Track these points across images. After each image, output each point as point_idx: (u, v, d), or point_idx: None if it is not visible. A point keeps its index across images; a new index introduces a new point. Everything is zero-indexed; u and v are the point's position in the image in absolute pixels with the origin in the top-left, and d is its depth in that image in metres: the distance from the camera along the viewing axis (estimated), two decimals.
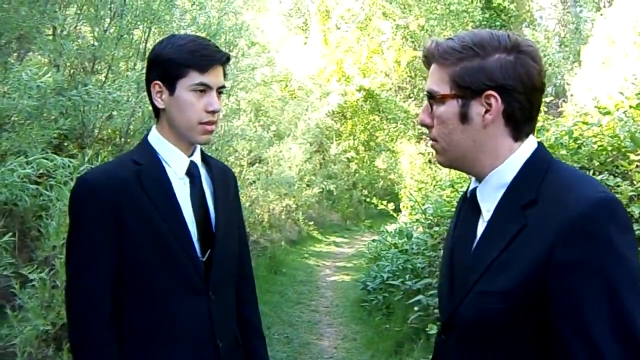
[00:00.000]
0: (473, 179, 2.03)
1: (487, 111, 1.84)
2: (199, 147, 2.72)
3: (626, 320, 1.62)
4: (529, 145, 1.90)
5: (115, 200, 2.44)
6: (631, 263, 1.66)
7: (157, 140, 2.62)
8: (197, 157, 2.69)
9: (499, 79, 1.82)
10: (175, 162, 2.60)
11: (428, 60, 1.96)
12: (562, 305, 1.68)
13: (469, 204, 2.05)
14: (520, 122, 1.87)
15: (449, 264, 2.08)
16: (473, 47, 1.85)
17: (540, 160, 1.87)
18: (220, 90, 2.59)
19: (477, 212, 1.98)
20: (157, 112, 2.62)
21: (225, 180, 2.83)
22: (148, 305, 2.51)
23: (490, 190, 1.92)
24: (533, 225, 1.76)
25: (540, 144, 1.93)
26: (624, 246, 1.66)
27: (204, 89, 2.51)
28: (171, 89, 2.51)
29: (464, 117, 1.87)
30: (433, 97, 1.92)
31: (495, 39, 1.86)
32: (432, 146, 2.00)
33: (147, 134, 2.67)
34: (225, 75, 2.63)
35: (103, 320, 2.45)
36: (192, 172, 2.64)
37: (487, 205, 1.93)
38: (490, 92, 1.83)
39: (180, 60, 2.48)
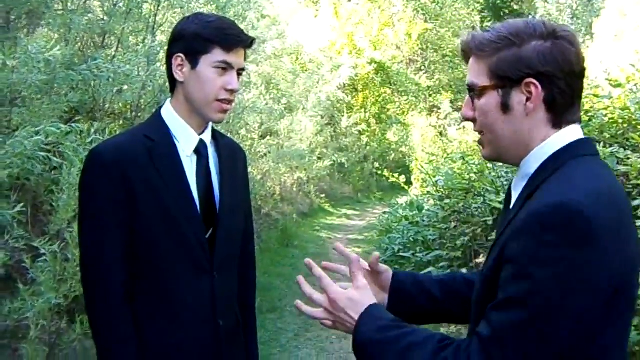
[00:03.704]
0: None
1: (528, 99, 1.83)
2: (210, 125, 2.73)
3: (536, 330, 1.62)
4: (562, 137, 1.85)
5: (127, 175, 2.46)
6: (568, 278, 1.60)
7: (170, 115, 2.64)
8: (207, 136, 2.70)
9: (537, 66, 1.80)
10: (185, 140, 2.62)
11: (466, 54, 1.96)
12: (497, 295, 1.72)
13: (508, 192, 2.07)
14: (561, 108, 1.84)
15: None
16: (509, 36, 1.85)
17: (564, 156, 1.83)
18: (239, 72, 2.61)
19: (510, 200, 2.00)
20: (173, 86, 2.64)
21: (234, 160, 2.85)
22: (154, 281, 2.56)
23: (519, 179, 1.93)
24: (518, 217, 1.77)
25: (584, 140, 1.88)
26: (564, 259, 1.60)
27: (226, 67, 2.54)
28: (193, 64, 2.54)
29: (505, 107, 1.86)
30: (473, 90, 1.92)
31: (530, 27, 1.85)
32: (479, 141, 2.00)
33: (160, 108, 2.69)
34: (245, 58, 2.66)
35: (118, 293, 2.49)
36: (200, 151, 2.65)
37: (515, 194, 1.94)
38: (529, 79, 1.81)
39: (207, 36, 2.51)
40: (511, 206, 1.94)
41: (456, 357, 1.70)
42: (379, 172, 14.86)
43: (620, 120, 5.28)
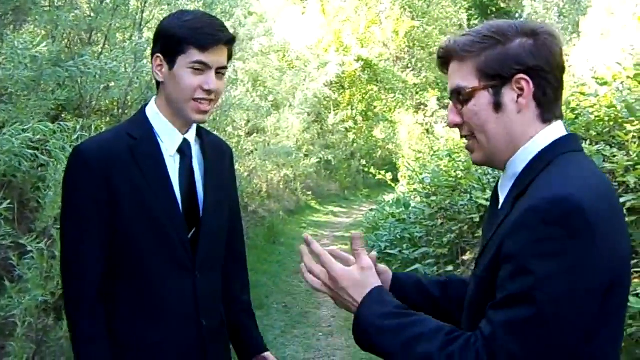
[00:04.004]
0: None
1: (519, 96, 1.82)
2: (195, 123, 2.69)
3: (542, 326, 1.60)
4: (548, 134, 1.85)
5: (109, 174, 2.44)
6: (573, 270, 1.59)
7: (154, 114, 2.61)
8: (191, 135, 2.67)
9: (527, 61, 1.81)
10: (168, 139, 2.59)
11: (446, 59, 1.94)
12: (495, 295, 1.69)
13: (494, 193, 2.05)
14: (551, 102, 1.85)
15: None
16: (493, 35, 1.84)
17: (550, 153, 1.82)
18: (221, 71, 2.55)
19: (497, 200, 1.98)
20: (157, 84, 2.61)
21: (219, 157, 2.82)
22: (136, 280, 2.53)
23: (506, 179, 1.92)
24: (511, 216, 1.75)
25: (569, 136, 1.88)
26: (567, 251, 1.59)
27: (203, 68, 2.47)
28: (171, 64, 2.49)
29: (497, 106, 1.84)
30: (461, 94, 1.88)
31: (513, 26, 1.85)
32: (467, 146, 1.98)
33: (146, 105, 2.66)
34: (230, 56, 2.60)
35: (91, 292, 2.47)
36: (183, 150, 2.62)
37: (503, 194, 1.93)
38: (520, 75, 1.81)
39: (181, 36, 2.45)
40: (499, 207, 1.92)
41: (463, 351, 1.67)
42: (366, 170, 14.88)
43: (607, 118, 5.30)
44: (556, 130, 1.86)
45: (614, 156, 4.51)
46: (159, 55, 2.52)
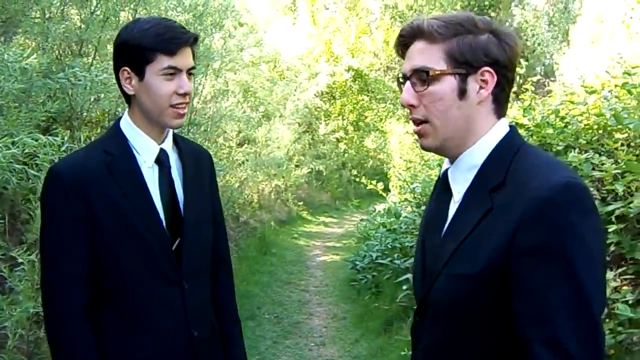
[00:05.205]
0: (446, 160, 2.01)
1: (481, 87, 1.85)
2: (171, 132, 2.69)
3: (585, 303, 1.63)
4: (500, 128, 1.90)
5: (85, 192, 2.43)
6: (592, 247, 1.67)
7: (129, 127, 2.59)
8: (168, 144, 2.66)
9: (495, 56, 1.84)
10: (145, 151, 2.58)
11: (410, 38, 1.92)
12: (522, 290, 1.69)
13: (441, 186, 2.05)
14: (504, 100, 1.89)
15: (421, 246, 2.09)
16: (464, 24, 1.85)
17: (510, 144, 1.87)
18: (190, 72, 2.55)
19: (449, 193, 1.98)
20: (127, 98, 2.59)
21: (198, 165, 2.80)
22: (124, 297, 2.53)
23: (461, 171, 1.92)
24: (499, 208, 1.77)
25: (512, 127, 1.93)
26: (586, 231, 1.66)
27: (174, 72, 2.47)
28: (140, 75, 2.48)
29: (462, 93, 1.85)
30: (428, 74, 1.86)
31: (481, 20, 1.87)
32: (418, 131, 1.95)
33: (119, 120, 2.64)
34: (194, 56, 2.59)
35: (78, 313, 2.45)
36: (161, 161, 2.61)
37: (458, 187, 1.93)
38: (486, 68, 1.83)
39: (147, 45, 2.44)
40: (457, 200, 1.93)
41: None
42: (357, 180, 14.85)
43: (595, 127, 5.31)
44: (504, 124, 1.92)
45: (603, 164, 4.52)
46: (125, 68, 2.50)
